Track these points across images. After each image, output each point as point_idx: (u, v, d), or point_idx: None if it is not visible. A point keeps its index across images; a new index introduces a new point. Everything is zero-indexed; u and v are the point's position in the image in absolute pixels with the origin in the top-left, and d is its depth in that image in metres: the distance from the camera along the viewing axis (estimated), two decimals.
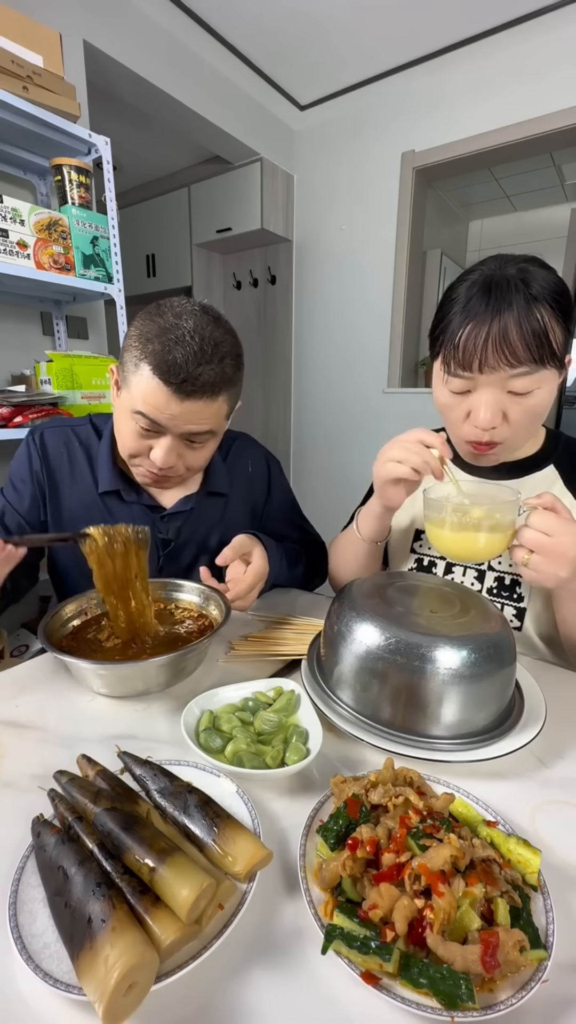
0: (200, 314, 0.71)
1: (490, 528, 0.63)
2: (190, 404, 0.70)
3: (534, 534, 0.60)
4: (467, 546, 0.65)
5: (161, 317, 0.70)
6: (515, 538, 0.62)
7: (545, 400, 0.67)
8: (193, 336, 0.68)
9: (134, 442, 0.76)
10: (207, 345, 0.69)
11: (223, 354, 0.71)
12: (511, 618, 0.78)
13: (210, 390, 0.70)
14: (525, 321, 0.61)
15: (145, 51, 2.06)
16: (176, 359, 0.67)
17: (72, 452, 0.88)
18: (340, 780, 0.45)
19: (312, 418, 3.24)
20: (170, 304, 0.72)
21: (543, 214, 3.65)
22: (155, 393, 0.69)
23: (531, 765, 0.52)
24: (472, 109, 2.35)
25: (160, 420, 0.71)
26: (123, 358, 0.73)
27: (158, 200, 3.29)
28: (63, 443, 0.88)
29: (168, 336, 0.68)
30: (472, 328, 0.63)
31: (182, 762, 0.49)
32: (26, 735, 0.56)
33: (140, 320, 0.72)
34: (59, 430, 0.89)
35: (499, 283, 0.63)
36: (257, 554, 0.79)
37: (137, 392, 0.70)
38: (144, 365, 0.69)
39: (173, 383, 0.68)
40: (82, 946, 0.30)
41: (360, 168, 2.73)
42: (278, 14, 2.11)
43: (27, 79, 1.40)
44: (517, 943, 0.31)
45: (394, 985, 0.31)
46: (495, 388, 0.66)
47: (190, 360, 0.67)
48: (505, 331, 0.62)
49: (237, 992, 0.32)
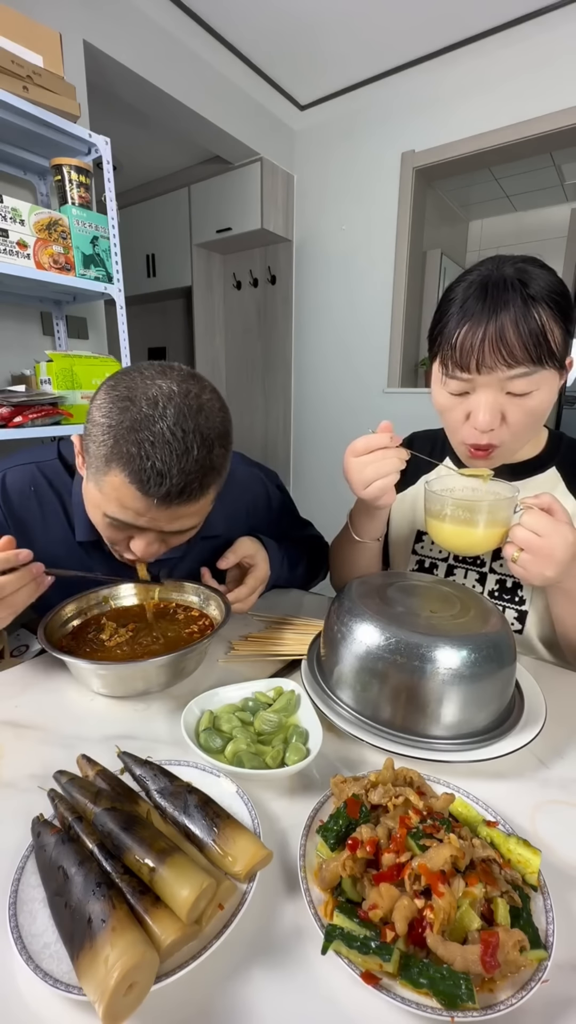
0: (180, 395, 0.58)
1: (487, 523, 0.64)
2: (174, 508, 0.60)
3: (525, 533, 0.61)
4: (464, 538, 0.66)
5: (132, 403, 0.56)
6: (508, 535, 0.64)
7: (545, 402, 0.67)
8: (175, 433, 0.56)
9: (107, 532, 0.66)
10: (192, 440, 0.57)
11: (211, 444, 0.59)
12: (512, 620, 0.77)
13: (197, 491, 0.60)
14: (522, 321, 0.61)
15: (145, 51, 2.06)
16: (155, 465, 0.55)
17: (41, 495, 0.77)
18: (340, 780, 0.45)
19: (312, 418, 3.24)
20: (143, 380, 0.58)
21: (543, 214, 3.65)
22: (131, 499, 0.58)
23: (531, 765, 0.52)
24: (472, 109, 2.35)
25: (138, 524, 0.61)
26: (87, 443, 0.61)
27: (158, 200, 3.29)
28: (30, 485, 0.77)
29: (143, 435, 0.55)
30: (469, 328, 0.63)
31: (182, 762, 0.49)
32: (26, 735, 0.56)
33: (106, 403, 0.58)
34: (23, 470, 0.77)
35: (496, 283, 0.63)
36: (260, 559, 0.78)
37: (109, 494, 0.59)
38: (116, 468, 0.57)
39: (154, 494, 0.57)
40: (82, 946, 0.30)
41: (360, 168, 2.73)
42: (278, 14, 2.11)
43: (27, 79, 1.40)
44: (517, 943, 0.31)
45: (394, 985, 0.31)
46: (493, 389, 0.65)
47: (172, 465, 0.56)
48: (502, 331, 0.61)
49: (237, 992, 0.32)
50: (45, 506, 0.77)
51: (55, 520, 0.77)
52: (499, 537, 0.65)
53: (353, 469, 0.69)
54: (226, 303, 3.46)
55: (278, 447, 3.39)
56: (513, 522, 0.63)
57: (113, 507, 0.60)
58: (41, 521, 0.77)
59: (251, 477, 0.95)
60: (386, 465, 0.67)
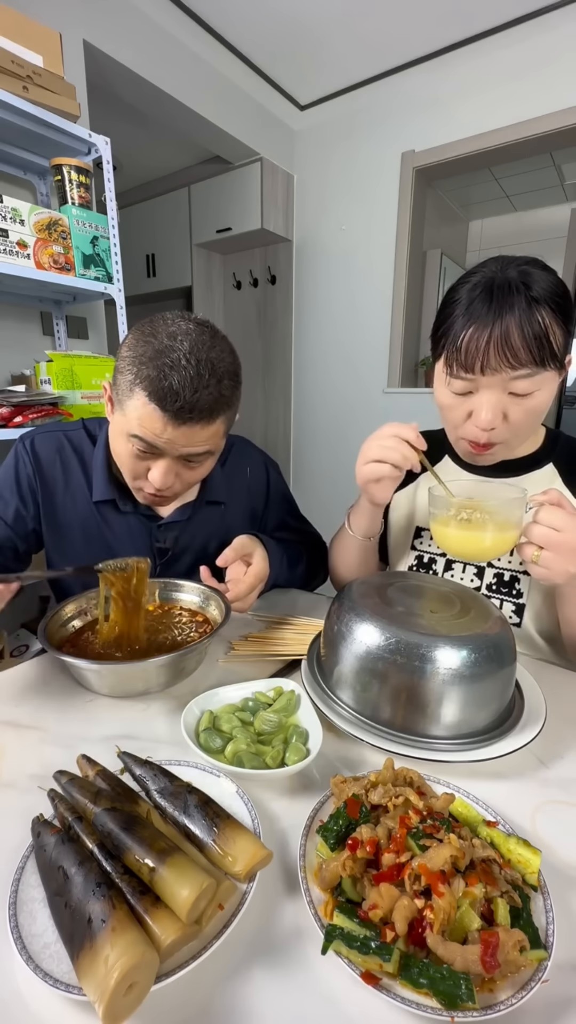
0: (196, 333, 0.68)
1: (497, 526, 0.63)
2: (187, 428, 0.68)
3: (543, 530, 0.60)
4: (473, 545, 0.64)
5: (155, 337, 0.66)
6: (523, 535, 0.62)
7: (545, 401, 0.68)
8: (189, 359, 0.65)
9: (131, 463, 0.73)
10: (204, 368, 0.66)
11: (220, 375, 0.68)
12: (510, 615, 0.78)
13: (208, 414, 0.68)
14: (526, 324, 0.62)
15: (145, 51, 2.06)
16: (172, 385, 0.64)
17: (66, 459, 0.85)
18: (340, 780, 0.45)
19: (312, 418, 3.24)
20: (164, 322, 0.69)
21: (543, 214, 3.65)
22: (151, 418, 0.66)
23: (531, 765, 0.52)
24: (472, 109, 2.35)
25: (157, 444, 0.69)
26: (116, 378, 0.71)
27: (158, 200, 3.29)
28: (56, 450, 0.85)
29: (163, 360, 0.65)
30: (474, 331, 0.64)
31: (182, 762, 0.49)
32: (26, 735, 0.56)
33: (133, 339, 0.69)
34: (51, 435, 0.86)
35: (501, 286, 0.64)
36: (258, 555, 0.79)
37: (133, 416, 0.68)
38: (139, 390, 0.66)
39: (169, 410, 0.65)
40: (82, 946, 0.30)
41: (360, 168, 2.73)
42: (278, 14, 2.11)
43: (27, 79, 1.40)
44: (517, 943, 0.31)
45: (394, 985, 0.31)
46: (496, 389, 0.66)
47: (186, 386, 0.65)
48: (507, 334, 0.62)
49: (237, 992, 0.32)
50: (68, 469, 0.85)
51: (76, 482, 0.85)
52: (510, 541, 0.63)
53: (365, 446, 0.71)
54: (226, 303, 3.46)
55: (278, 447, 3.39)
56: (525, 521, 0.62)
57: (135, 426, 0.68)
58: (64, 483, 0.84)
59: (255, 458, 1.01)
60: (392, 453, 0.68)
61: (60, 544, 0.86)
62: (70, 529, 0.85)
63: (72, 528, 0.85)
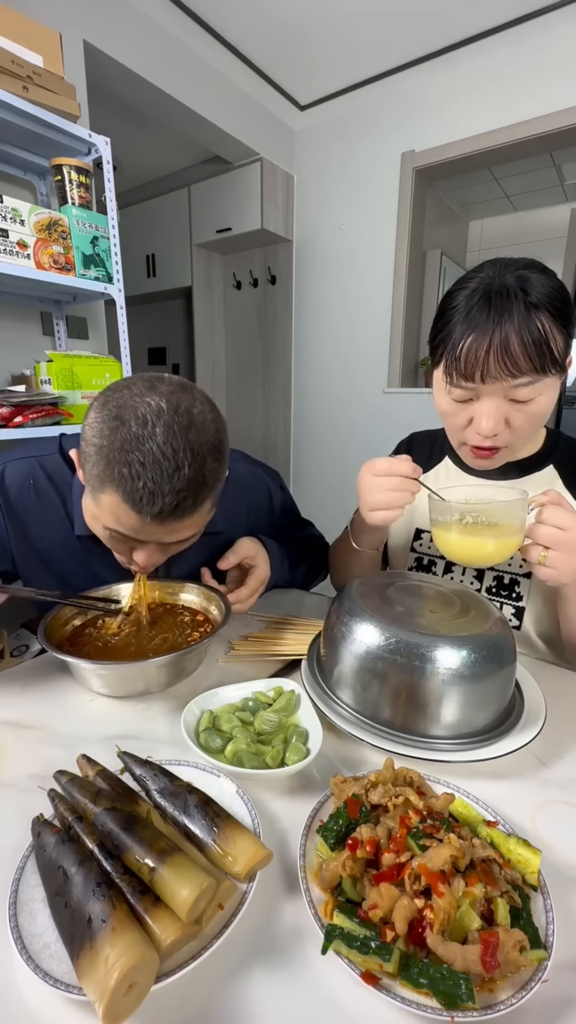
0: (170, 412, 0.56)
1: (499, 530, 0.62)
2: (170, 524, 0.59)
3: (549, 530, 0.59)
4: (476, 550, 0.63)
5: (122, 423, 0.55)
6: (527, 537, 0.61)
7: (547, 406, 0.67)
8: (165, 451, 0.55)
9: (109, 543, 0.66)
10: (182, 458, 0.56)
11: (203, 459, 0.58)
12: (510, 617, 0.78)
13: (191, 507, 0.59)
14: (526, 331, 0.61)
15: (145, 51, 2.06)
16: (147, 486, 0.55)
17: (40, 489, 0.76)
18: (340, 780, 0.45)
19: (312, 418, 3.24)
20: (132, 402, 0.57)
21: (543, 214, 3.65)
22: (127, 517, 0.58)
23: (531, 765, 0.52)
24: (472, 109, 2.35)
25: (137, 537, 0.61)
26: (82, 459, 0.61)
27: (158, 200, 3.29)
28: (28, 479, 0.76)
29: (132, 455, 0.55)
30: (473, 339, 0.63)
31: (182, 762, 0.49)
32: (26, 735, 0.56)
33: (97, 422, 0.58)
34: (23, 463, 0.77)
35: (499, 292, 0.62)
36: (260, 559, 0.78)
37: (106, 511, 0.59)
38: (109, 487, 0.57)
39: (147, 513, 0.57)
40: (82, 946, 0.30)
41: (360, 168, 2.73)
42: (278, 14, 2.11)
43: (27, 79, 1.40)
44: (517, 943, 0.31)
45: (394, 985, 0.31)
46: (497, 396, 0.65)
47: (164, 484, 0.55)
48: (506, 342, 0.61)
49: (237, 992, 0.32)
50: (44, 500, 0.77)
51: (54, 514, 0.77)
52: (516, 544, 0.62)
53: (366, 488, 0.68)
54: (226, 303, 3.46)
55: (278, 447, 3.39)
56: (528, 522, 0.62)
57: (111, 522, 0.60)
58: (40, 515, 0.76)
59: (253, 476, 0.95)
60: (397, 499, 0.66)
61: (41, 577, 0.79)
62: (50, 561, 0.78)
63: (52, 560, 0.77)
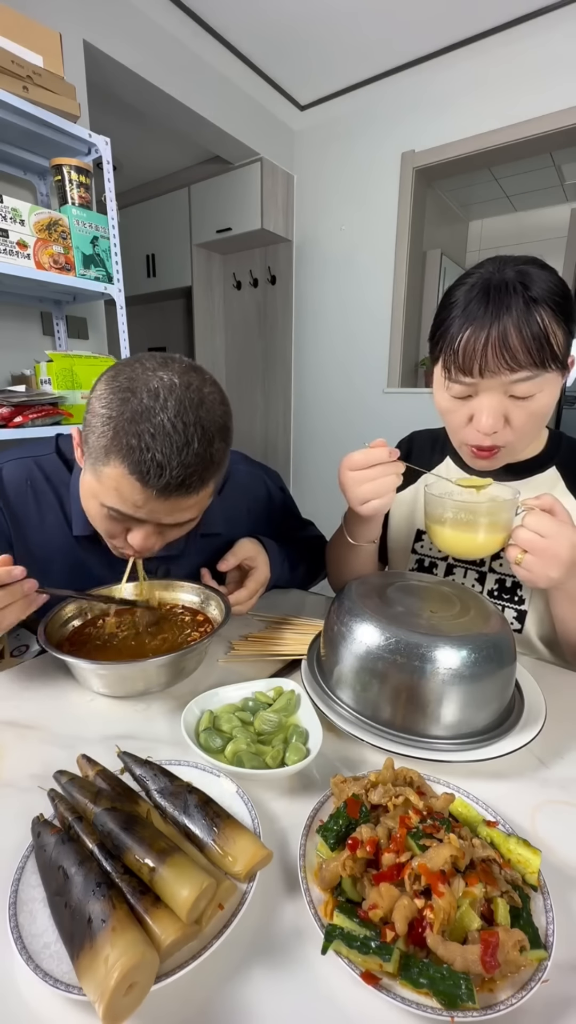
0: (182, 387, 0.57)
1: (488, 526, 0.64)
2: (172, 501, 0.59)
3: (528, 534, 0.61)
4: (466, 543, 0.66)
5: (133, 394, 0.56)
6: (511, 538, 0.63)
7: (547, 403, 0.66)
8: (175, 424, 0.55)
9: (106, 524, 0.65)
10: (192, 433, 0.56)
11: (211, 437, 0.58)
12: (512, 620, 0.77)
13: (197, 484, 0.59)
14: (524, 324, 0.60)
15: (145, 51, 2.06)
16: (155, 457, 0.55)
17: (38, 489, 0.76)
18: (340, 780, 0.45)
19: (312, 418, 3.24)
20: (144, 371, 0.58)
21: (543, 214, 3.65)
22: (130, 490, 0.57)
23: (531, 765, 0.52)
24: (472, 109, 2.35)
25: (137, 515, 0.61)
26: (87, 433, 0.60)
27: (158, 200, 3.29)
28: (26, 479, 0.75)
29: (144, 426, 0.55)
30: (471, 333, 0.63)
31: (182, 762, 0.49)
32: (26, 735, 0.56)
33: (107, 390, 0.58)
34: (20, 464, 0.76)
35: (498, 286, 0.62)
36: (260, 561, 0.78)
37: (108, 484, 0.59)
38: (115, 458, 0.56)
39: (153, 485, 0.56)
40: (82, 946, 0.30)
41: (360, 168, 2.73)
42: (278, 14, 2.11)
43: (27, 79, 1.40)
44: (517, 943, 0.31)
45: (394, 985, 0.31)
46: (496, 392, 0.65)
47: (172, 457, 0.55)
48: (504, 335, 0.61)
49: (237, 992, 0.32)
50: (41, 501, 0.76)
51: (51, 515, 0.76)
52: (501, 541, 0.64)
53: (350, 484, 0.68)
54: (226, 303, 3.46)
55: (278, 447, 3.39)
56: (515, 524, 0.63)
57: (111, 497, 0.60)
58: (37, 516, 0.76)
59: (253, 477, 0.95)
60: (384, 484, 0.66)
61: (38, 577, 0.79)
62: (49, 563, 0.76)
63: (51, 562, 0.76)
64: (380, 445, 0.68)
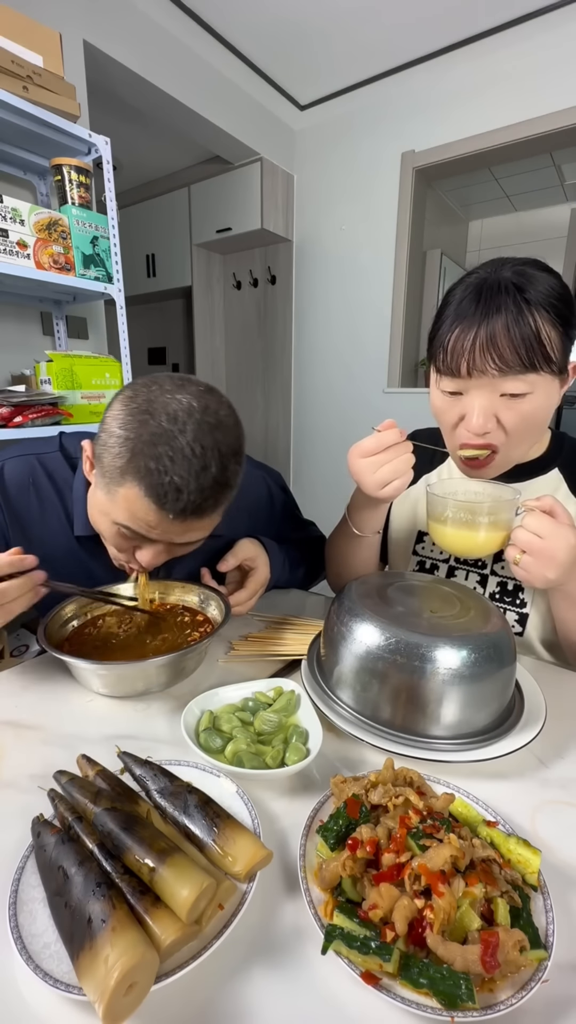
0: (200, 412, 0.57)
1: (489, 526, 0.64)
2: (188, 523, 0.60)
3: (527, 535, 0.61)
4: (466, 541, 0.66)
5: (152, 416, 0.56)
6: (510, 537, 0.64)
7: (541, 407, 0.65)
8: (193, 449, 0.55)
9: (115, 541, 0.65)
10: (210, 457, 0.57)
11: (227, 460, 0.59)
12: (513, 623, 0.77)
13: (212, 507, 0.60)
14: (514, 325, 0.60)
15: (145, 51, 2.06)
16: (173, 481, 0.55)
17: (40, 487, 0.75)
18: (340, 780, 0.45)
19: (312, 418, 3.24)
20: (162, 392, 0.58)
21: (543, 214, 3.65)
22: (145, 512, 0.58)
23: (531, 765, 0.52)
24: (472, 109, 2.35)
25: (150, 536, 0.61)
26: (101, 452, 0.60)
27: (158, 200, 3.29)
28: (28, 477, 0.75)
29: (161, 449, 0.55)
30: (460, 331, 0.62)
31: (182, 762, 0.49)
32: (26, 735, 0.56)
33: (124, 411, 0.58)
34: (22, 461, 0.76)
35: (492, 286, 0.62)
36: (260, 562, 0.78)
37: (121, 504, 0.59)
38: (131, 480, 0.56)
39: (169, 509, 0.57)
40: (82, 946, 0.30)
41: (360, 168, 2.73)
42: (278, 14, 2.11)
43: (27, 79, 1.40)
44: (517, 943, 0.31)
45: (394, 985, 0.31)
46: (485, 391, 0.64)
47: (190, 481, 0.56)
48: (493, 335, 0.60)
49: (237, 992, 0.32)
50: (44, 499, 0.76)
51: (53, 514, 0.76)
52: (501, 540, 0.65)
53: (366, 470, 0.68)
54: (226, 303, 3.46)
55: (278, 447, 3.39)
56: (515, 524, 0.63)
57: (123, 517, 0.60)
58: (39, 514, 0.75)
59: (254, 478, 0.94)
60: (401, 464, 0.67)
61: None
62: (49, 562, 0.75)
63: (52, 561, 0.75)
64: (389, 427, 0.67)
